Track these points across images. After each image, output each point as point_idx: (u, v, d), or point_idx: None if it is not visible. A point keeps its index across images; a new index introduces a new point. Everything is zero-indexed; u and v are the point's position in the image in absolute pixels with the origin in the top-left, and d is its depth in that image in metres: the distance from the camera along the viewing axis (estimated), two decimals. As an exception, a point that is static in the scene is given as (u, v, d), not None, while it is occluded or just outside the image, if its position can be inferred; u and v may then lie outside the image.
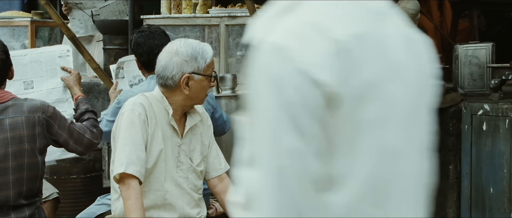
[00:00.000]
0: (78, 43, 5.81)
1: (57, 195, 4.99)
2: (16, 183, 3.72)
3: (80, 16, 7.75)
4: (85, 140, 3.95)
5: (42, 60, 4.57)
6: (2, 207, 3.71)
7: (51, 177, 6.31)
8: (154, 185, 3.52)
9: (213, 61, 3.58)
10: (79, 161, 6.29)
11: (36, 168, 3.79)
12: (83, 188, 6.28)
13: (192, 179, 3.62)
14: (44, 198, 4.83)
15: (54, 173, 6.28)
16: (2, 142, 3.69)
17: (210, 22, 5.97)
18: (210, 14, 5.98)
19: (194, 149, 3.65)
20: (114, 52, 7.02)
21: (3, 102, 3.74)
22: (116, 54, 6.86)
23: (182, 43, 3.53)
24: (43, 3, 5.70)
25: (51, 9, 5.76)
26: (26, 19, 8.30)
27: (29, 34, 8.13)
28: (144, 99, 3.50)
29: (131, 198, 3.33)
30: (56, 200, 5.00)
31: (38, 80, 4.54)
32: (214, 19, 5.92)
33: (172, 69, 3.48)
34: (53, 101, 4.39)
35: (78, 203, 5.84)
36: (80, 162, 6.30)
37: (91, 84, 7.20)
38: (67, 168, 6.26)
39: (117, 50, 6.96)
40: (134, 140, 3.41)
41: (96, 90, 7.10)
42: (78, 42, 5.83)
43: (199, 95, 3.55)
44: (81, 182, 6.35)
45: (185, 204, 3.59)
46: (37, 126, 3.76)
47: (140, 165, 3.39)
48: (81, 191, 6.27)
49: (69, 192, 6.24)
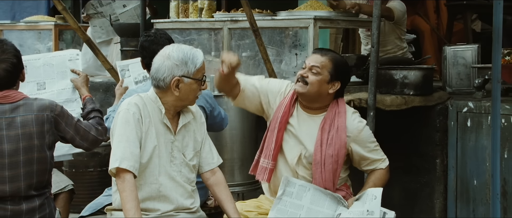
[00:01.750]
0: (93, 46, 5.95)
1: (72, 187, 5.05)
2: (27, 175, 3.86)
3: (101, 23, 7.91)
4: (91, 136, 4.08)
5: (53, 64, 4.69)
6: (14, 197, 3.84)
7: (70, 170, 6.48)
8: (149, 179, 3.62)
9: (204, 66, 3.66)
10: (96, 156, 6.45)
11: (45, 162, 3.93)
12: (99, 180, 6.43)
13: (185, 173, 3.72)
14: (60, 189, 4.98)
15: (73, 167, 6.45)
16: (14, 138, 3.83)
17: (214, 26, 6.03)
18: (214, 19, 6.04)
19: (187, 144, 3.74)
20: (130, 53, 7.14)
21: (14, 101, 3.88)
22: (132, 55, 6.98)
23: (174, 48, 3.62)
24: (61, 9, 5.87)
25: (67, 15, 5.92)
26: (50, 23, 8.48)
27: (53, 37, 8.31)
28: (138, 100, 3.60)
29: (126, 190, 3.45)
30: (71, 191, 5.07)
31: (50, 81, 4.66)
32: (218, 23, 5.98)
33: (164, 72, 3.57)
34: (63, 101, 4.52)
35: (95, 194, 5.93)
36: (96, 156, 6.46)
37: (109, 83, 7.35)
38: (85, 162, 6.42)
39: (133, 51, 7.08)
40: (128, 137, 3.52)
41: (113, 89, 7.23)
42: (93, 45, 5.97)
43: (189, 97, 3.64)
44: (97, 175, 6.50)
45: (179, 195, 3.68)
46: (46, 123, 3.90)
47: (134, 160, 3.50)
48: (97, 183, 6.42)
49: (86, 184, 6.41)
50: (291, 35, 5.41)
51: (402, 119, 5.52)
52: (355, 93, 5.34)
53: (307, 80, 3.98)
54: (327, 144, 3.97)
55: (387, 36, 6.44)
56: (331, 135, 3.98)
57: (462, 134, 5.26)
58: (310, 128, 4.04)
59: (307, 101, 4.07)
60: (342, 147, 3.99)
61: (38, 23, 8.61)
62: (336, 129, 3.99)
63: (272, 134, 4.07)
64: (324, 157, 3.95)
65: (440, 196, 5.44)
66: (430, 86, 5.44)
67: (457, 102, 5.31)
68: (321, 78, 3.98)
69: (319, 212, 3.89)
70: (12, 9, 10.92)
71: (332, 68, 3.99)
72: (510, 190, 4.96)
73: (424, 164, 5.51)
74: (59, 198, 5.00)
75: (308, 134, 4.03)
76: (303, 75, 3.99)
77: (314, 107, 4.08)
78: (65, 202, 5.02)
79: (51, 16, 9.16)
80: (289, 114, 4.06)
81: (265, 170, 4.06)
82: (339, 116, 4.03)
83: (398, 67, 5.44)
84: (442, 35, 7.75)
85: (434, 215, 5.47)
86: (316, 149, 3.97)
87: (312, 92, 4.00)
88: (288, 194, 3.91)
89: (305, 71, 4.00)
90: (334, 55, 4.11)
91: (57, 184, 5.00)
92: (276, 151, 4.04)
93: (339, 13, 5.60)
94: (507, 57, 5.22)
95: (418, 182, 5.56)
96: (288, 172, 4.05)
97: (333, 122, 4.01)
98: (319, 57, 4.02)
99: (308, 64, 4.00)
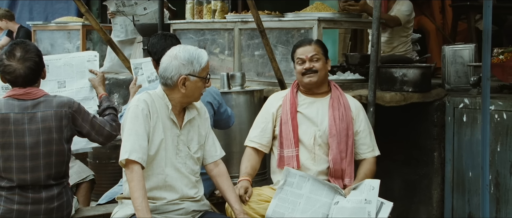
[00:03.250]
0: (113, 46, 6.06)
1: (93, 177, 5.18)
2: (46, 166, 4.00)
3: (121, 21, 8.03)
4: (105, 131, 4.21)
5: (73, 64, 4.79)
6: (34, 186, 3.98)
7: (94, 161, 6.60)
8: (156, 169, 3.72)
9: (208, 65, 3.75)
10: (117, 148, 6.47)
11: (63, 154, 4.07)
12: (120, 171, 6.42)
13: (190, 164, 3.82)
14: (82, 179, 5.12)
15: (96, 158, 6.57)
16: (35, 132, 3.97)
17: (226, 26, 6.12)
18: (226, 20, 6.13)
19: (192, 138, 3.84)
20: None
21: (36, 98, 4.01)
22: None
23: (181, 49, 3.72)
24: (84, 11, 5.93)
25: (90, 16, 6.00)
26: (78, 23, 8.63)
27: (80, 36, 8.46)
28: (147, 97, 3.70)
29: (134, 180, 3.57)
30: (92, 181, 5.20)
31: (70, 80, 4.76)
32: (230, 23, 6.06)
33: (171, 71, 3.68)
34: (81, 98, 4.63)
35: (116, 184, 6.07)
36: (118, 149, 6.46)
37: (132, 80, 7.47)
38: (107, 154, 6.53)
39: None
40: (137, 131, 3.62)
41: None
42: (113, 44, 6.07)
43: (194, 94, 3.75)
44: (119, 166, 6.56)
45: (184, 185, 3.78)
46: (64, 119, 4.03)
47: (142, 152, 3.61)
48: (118, 173, 6.48)
49: (109, 174, 6.51)
50: (297, 36, 5.47)
51: (402, 114, 5.59)
52: (356, 90, 5.42)
53: (314, 69, 4.23)
54: (340, 119, 4.21)
55: (395, 34, 6.48)
56: (341, 112, 4.23)
57: (458, 128, 5.32)
58: (321, 107, 4.27)
59: (316, 87, 4.31)
60: (351, 122, 4.24)
61: (67, 24, 8.76)
62: (343, 106, 4.27)
63: (286, 126, 4.22)
64: (339, 130, 4.18)
65: (438, 187, 5.49)
66: (428, 84, 5.49)
67: (453, 99, 5.36)
68: (322, 61, 4.28)
69: (317, 201, 3.99)
70: (45, 11, 11.12)
71: (322, 50, 4.33)
72: (502, 181, 5.01)
73: (423, 157, 5.56)
74: (81, 187, 5.14)
75: (319, 113, 4.25)
76: (309, 67, 4.20)
77: (320, 92, 4.33)
78: (86, 191, 5.15)
79: (80, 17, 9.31)
80: (296, 104, 4.23)
81: (292, 158, 4.22)
82: (342, 96, 4.32)
83: (397, 66, 5.50)
84: (447, 35, 7.76)
85: (432, 205, 5.51)
86: (331, 124, 4.20)
87: (322, 76, 4.29)
88: (289, 184, 4.02)
89: (308, 63, 4.22)
90: (315, 40, 4.43)
91: (80, 174, 5.14)
92: (296, 138, 4.22)
93: (342, 15, 5.67)
94: (501, 56, 5.25)
95: (417, 174, 5.61)
96: (306, 157, 4.21)
97: (340, 100, 4.28)
98: (310, 47, 4.30)
99: (307, 56, 4.24)
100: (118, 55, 6.06)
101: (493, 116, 5.06)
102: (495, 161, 5.05)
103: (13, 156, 3.94)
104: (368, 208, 3.83)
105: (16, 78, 3.98)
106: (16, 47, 4.02)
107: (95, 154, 6.47)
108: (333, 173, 4.19)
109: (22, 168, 3.95)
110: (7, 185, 3.96)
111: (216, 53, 6.27)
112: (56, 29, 8.85)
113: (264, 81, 5.73)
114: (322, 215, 3.93)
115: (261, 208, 4.05)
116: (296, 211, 3.94)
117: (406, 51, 6.49)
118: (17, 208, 3.96)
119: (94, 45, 8.65)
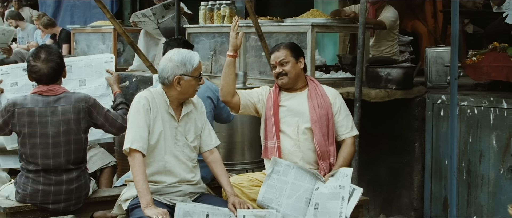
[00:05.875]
0: (135, 47, 6.26)
1: (114, 163, 5.35)
2: (66, 153, 4.20)
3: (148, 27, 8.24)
4: (117, 124, 4.39)
5: (92, 65, 4.94)
6: (56, 169, 4.20)
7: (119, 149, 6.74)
8: (157, 157, 3.88)
9: (200, 65, 3.90)
10: (139, 137, 6.72)
11: (80, 143, 4.27)
12: None
13: (187, 152, 3.97)
14: (105, 164, 5.30)
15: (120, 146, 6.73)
16: (56, 123, 4.18)
17: (233, 30, 6.25)
18: (233, 24, 6.26)
19: (189, 129, 3.99)
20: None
21: (57, 94, 4.23)
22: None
23: (175, 52, 3.89)
24: (109, 17, 6.11)
25: (114, 22, 6.19)
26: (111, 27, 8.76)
27: (112, 38, 8.63)
28: (148, 94, 3.87)
29: (135, 166, 3.74)
30: (114, 166, 5.37)
31: (89, 79, 4.91)
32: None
33: (167, 72, 3.84)
34: (99, 95, 4.78)
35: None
36: None
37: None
38: (131, 142, 6.69)
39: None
40: (138, 123, 3.79)
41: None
42: (135, 46, 6.27)
43: (189, 91, 3.90)
44: (141, 153, 6.76)
45: (181, 170, 3.94)
46: (81, 112, 4.23)
47: (143, 142, 3.77)
48: (140, 160, 6.69)
49: (131, 160, 6.67)
50: (294, 39, 5.59)
51: (387, 109, 5.70)
52: (346, 88, 5.54)
53: (284, 72, 4.31)
54: (319, 107, 4.29)
55: (382, 38, 6.58)
56: (319, 100, 4.32)
57: (436, 122, 5.42)
58: (300, 100, 4.36)
59: (291, 86, 4.38)
60: (329, 107, 4.32)
61: (101, 27, 8.92)
62: (320, 95, 4.35)
63: (270, 120, 4.33)
64: (319, 115, 4.27)
65: (418, 173, 5.60)
66: (410, 82, 5.59)
67: (432, 96, 5.46)
68: (291, 63, 4.33)
69: (301, 186, 4.11)
70: (84, 15, 11.34)
71: (291, 51, 4.35)
72: (473, 169, 5.11)
73: (405, 147, 5.66)
74: (105, 171, 5.32)
75: (299, 104, 4.34)
76: (279, 71, 4.31)
77: (298, 88, 4.41)
78: (109, 175, 5.33)
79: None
80: (278, 101, 4.34)
81: (275, 149, 4.32)
82: (318, 87, 4.41)
83: (383, 66, 5.61)
84: (438, 37, 7.82)
85: (413, 190, 5.63)
86: (311, 112, 4.29)
87: (293, 77, 4.34)
88: (276, 172, 4.15)
89: (277, 68, 4.33)
90: (284, 43, 4.47)
91: (103, 160, 5.33)
92: (277, 131, 4.31)
93: (334, 21, 5.78)
94: (474, 58, 5.33)
95: (400, 162, 5.72)
96: (291, 144, 4.31)
97: (316, 91, 4.37)
98: (278, 52, 4.36)
99: (276, 62, 4.34)
100: (139, 55, 6.25)
101: (466, 111, 5.15)
102: (467, 150, 5.14)
103: (38, 144, 4.16)
104: (342, 193, 3.95)
105: (40, 77, 4.20)
106: (41, 50, 4.24)
107: (120, 142, 6.63)
108: (320, 155, 4.27)
109: (46, 154, 4.16)
110: (34, 169, 4.18)
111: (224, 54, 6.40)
112: (92, 31, 9.02)
113: (266, 79, 5.86)
114: (305, 199, 4.06)
115: (253, 193, 4.18)
116: (283, 196, 4.07)
117: (394, 53, 6.58)
118: (42, 188, 4.18)
119: (124, 46, 8.84)
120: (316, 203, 4.01)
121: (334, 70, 6.03)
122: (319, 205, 3.99)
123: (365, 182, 5.83)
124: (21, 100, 4.19)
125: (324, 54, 8.22)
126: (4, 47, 9.02)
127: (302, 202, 4.05)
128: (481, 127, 5.04)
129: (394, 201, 5.77)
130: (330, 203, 3.94)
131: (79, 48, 9.15)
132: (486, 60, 5.26)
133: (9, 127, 4.22)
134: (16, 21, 11.26)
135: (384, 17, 6.36)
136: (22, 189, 4.20)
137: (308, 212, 4.01)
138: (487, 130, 5.00)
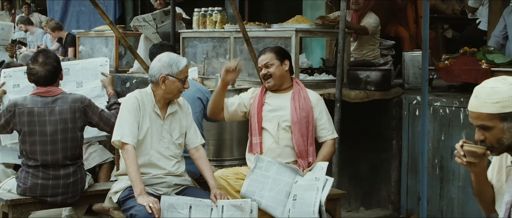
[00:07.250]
0: (132, 51, 6.32)
1: (112, 159, 5.43)
2: (63, 149, 4.31)
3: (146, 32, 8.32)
4: (111, 123, 4.46)
5: (89, 68, 5.02)
6: (54, 165, 4.31)
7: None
8: (144, 151, 4.00)
9: (186, 69, 4.02)
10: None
11: (77, 140, 4.37)
12: None
13: (172, 148, 4.09)
14: (103, 160, 5.40)
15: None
16: (53, 122, 4.29)
17: (223, 35, 6.37)
18: (224, 30, 6.37)
19: (174, 128, 4.10)
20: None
21: (54, 95, 4.34)
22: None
23: (165, 54, 4.03)
24: (108, 22, 6.16)
25: (113, 27, 6.24)
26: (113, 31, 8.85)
27: (114, 42, 8.71)
28: (138, 94, 4.00)
29: (129, 158, 3.85)
30: (112, 162, 5.45)
31: (86, 81, 4.99)
32: (226, 33, 6.31)
33: (155, 71, 3.98)
34: (94, 96, 4.87)
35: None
36: None
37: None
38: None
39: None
40: (128, 119, 3.92)
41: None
42: (132, 50, 6.33)
43: (173, 92, 4.01)
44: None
45: (166, 164, 4.05)
46: (77, 112, 4.34)
47: (133, 136, 3.90)
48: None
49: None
50: (280, 43, 5.68)
51: (367, 108, 5.78)
52: (328, 89, 5.64)
53: (269, 74, 4.39)
54: (300, 109, 4.35)
55: (364, 43, 6.66)
56: (301, 103, 4.37)
57: (412, 121, 5.51)
58: (284, 100, 4.42)
59: (277, 87, 4.46)
60: (310, 110, 4.37)
61: (104, 31, 8.98)
62: (303, 98, 4.40)
63: (254, 118, 4.43)
64: (300, 117, 4.33)
65: (396, 169, 5.69)
66: (388, 84, 5.68)
67: (408, 96, 5.56)
68: (276, 65, 4.40)
69: (281, 180, 4.21)
70: (89, 20, 11.42)
71: (276, 54, 4.42)
72: (445, 165, 5.21)
73: (384, 144, 5.75)
74: (103, 167, 5.43)
75: (282, 104, 4.41)
76: (265, 73, 4.39)
77: (283, 89, 4.47)
78: (107, 170, 5.44)
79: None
80: (262, 101, 4.43)
81: (257, 145, 4.41)
82: (303, 90, 4.45)
83: (362, 68, 5.71)
84: (419, 41, 7.88)
85: (391, 184, 5.72)
86: (292, 113, 4.35)
87: (277, 79, 4.41)
88: (258, 168, 4.25)
89: (263, 70, 4.40)
90: (270, 47, 4.55)
91: (101, 157, 5.43)
92: (260, 128, 4.40)
93: (318, 26, 5.87)
94: (446, 61, 5.42)
95: (379, 158, 5.81)
96: (272, 141, 4.39)
97: (300, 94, 4.42)
98: (264, 56, 4.43)
99: (262, 65, 4.41)
100: (136, 58, 6.30)
101: (439, 111, 5.25)
102: (439, 147, 5.24)
103: (37, 141, 4.27)
104: (317, 184, 4.06)
105: (38, 79, 4.32)
106: (39, 54, 4.36)
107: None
108: (299, 154, 4.35)
109: (44, 150, 4.27)
110: (33, 164, 4.29)
111: (216, 57, 6.52)
112: (95, 36, 9.08)
113: (254, 81, 5.95)
114: (285, 192, 4.17)
115: (238, 185, 4.28)
116: (264, 189, 4.18)
117: (375, 57, 6.66)
118: (41, 182, 4.29)
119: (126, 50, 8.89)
120: (294, 195, 4.12)
121: (318, 72, 6.13)
122: (297, 196, 4.10)
123: (347, 177, 5.93)
124: (22, 101, 4.30)
125: (312, 57, 8.31)
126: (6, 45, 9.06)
127: (282, 194, 4.16)
128: (453, 126, 5.14)
129: (373, 195, 5.87)
130: (307, 194, 4.05)
131: (84, 52, 9.24)
132: (457, 63, 5.36)
133: (11, 125, 4.34)
134: (25, 25, 11.40)
135: (367, 23, 6.43)
136: (22, 183, 4.31)
137: (287, 203, 4.12)
138: (458, 128, 5.10)
